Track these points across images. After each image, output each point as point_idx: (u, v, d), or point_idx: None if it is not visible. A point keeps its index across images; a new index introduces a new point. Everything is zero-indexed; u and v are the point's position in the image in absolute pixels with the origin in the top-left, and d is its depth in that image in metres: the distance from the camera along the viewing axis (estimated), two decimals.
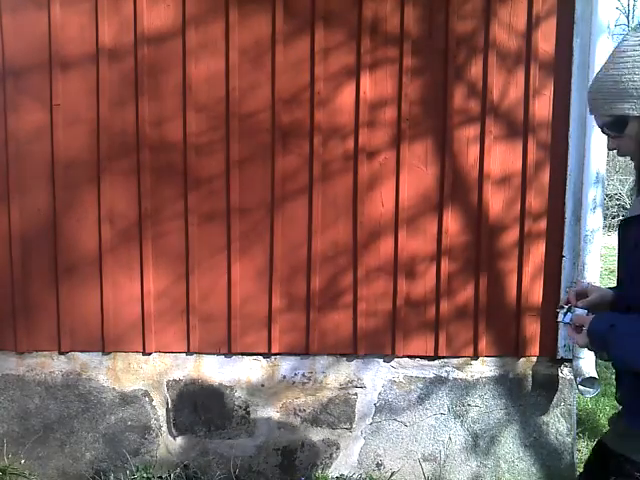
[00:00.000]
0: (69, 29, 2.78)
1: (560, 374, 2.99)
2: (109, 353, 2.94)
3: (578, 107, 2.83)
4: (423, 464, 3.02)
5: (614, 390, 1.63)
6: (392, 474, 2.99)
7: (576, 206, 2.88)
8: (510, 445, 3.01)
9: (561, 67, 2.84)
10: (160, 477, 2.96)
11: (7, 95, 2.79)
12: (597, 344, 1.48)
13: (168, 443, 2.99)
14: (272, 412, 2.98)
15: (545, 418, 3.00)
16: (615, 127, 1.45)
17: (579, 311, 1.58)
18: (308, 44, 2.78)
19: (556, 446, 3.01)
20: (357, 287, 2.89)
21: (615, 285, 1.64)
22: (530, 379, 2.99)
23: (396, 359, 2.95)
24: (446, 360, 2.97)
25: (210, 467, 2.99)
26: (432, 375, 2.98)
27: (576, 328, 1.53)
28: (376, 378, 2.97)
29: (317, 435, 2.98)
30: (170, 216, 2.85)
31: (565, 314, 1.59)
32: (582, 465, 3.14)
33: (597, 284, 2.71)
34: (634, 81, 1.38)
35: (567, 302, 1.60)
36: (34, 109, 2.80)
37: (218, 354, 2.94)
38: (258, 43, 2.80)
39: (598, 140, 2.76)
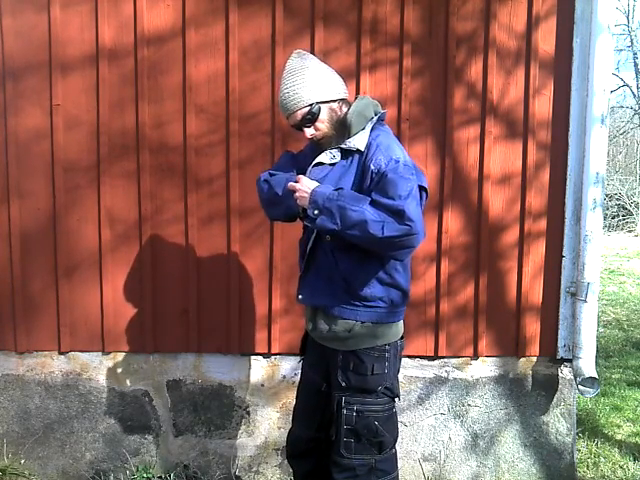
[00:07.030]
0: (69, 30, 2.78)
1: (560, 374, 2.99)
2: (109, 353, 2.94)
3: (578, 107, 2.83)
4: (423, 464, 3.02)
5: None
6: None
7: (576, 206, 2.88)
8: (510, 445, 3.02)
9: (561, 67, 2.84)
10: (160, 477, 2.97)
11: (7, 96, 2.79)
12: (317, 204, 1.91)
13: (168, 443, 2.99)
14: (272, 412, 2.98)
15: (545, 418, 3.00)
16: (311, 115, 2.00)
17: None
18: (308, 45, 2.78)
19: (556, 446, 3.01)
20: None
21: None
22: (530, 379, 2.99)
23: None
24: (446, 360, 2.97)
25: (210, 467, 2.99)
26: (432, 375, 2.98)
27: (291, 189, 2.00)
28: None
29: None
30: (170, 217, 2.86)
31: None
32: (582, 465, 3.17)
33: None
34: (307, 79, 1.99)
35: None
36: (34, 110, 2.80)
37: (218, 354, 2.94)
38: (258, 44, 2.80)
39: (598, 140, 2.76)
